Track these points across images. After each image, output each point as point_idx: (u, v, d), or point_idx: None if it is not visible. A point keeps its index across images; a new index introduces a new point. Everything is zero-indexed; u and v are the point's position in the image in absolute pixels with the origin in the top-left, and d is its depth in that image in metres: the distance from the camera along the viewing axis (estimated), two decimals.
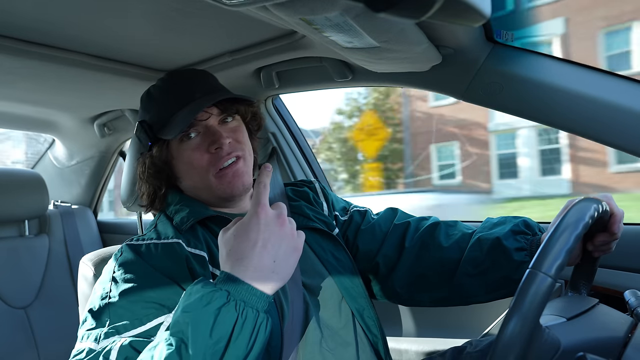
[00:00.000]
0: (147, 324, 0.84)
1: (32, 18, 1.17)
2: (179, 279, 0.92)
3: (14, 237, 2.18)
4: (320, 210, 1.23)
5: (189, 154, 1.06)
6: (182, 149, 1.07)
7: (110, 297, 0.88)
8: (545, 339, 0.71)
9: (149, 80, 1.64)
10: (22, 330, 2.04)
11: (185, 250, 0.97)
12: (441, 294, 1.16)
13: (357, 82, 1.49)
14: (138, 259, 0.94)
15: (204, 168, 1.05)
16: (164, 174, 1.11)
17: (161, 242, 0.98)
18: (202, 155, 1.05)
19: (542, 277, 0.67)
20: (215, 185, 1.06)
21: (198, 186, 1.08)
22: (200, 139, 1.07)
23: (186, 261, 0.95)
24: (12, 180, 2.13)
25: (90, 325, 0.86)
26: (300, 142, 2.02)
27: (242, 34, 1.33)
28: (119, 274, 0.91)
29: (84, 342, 0.84)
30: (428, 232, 1.19)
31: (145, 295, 0.88)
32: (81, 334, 0.86)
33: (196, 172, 1.06)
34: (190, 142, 1.06)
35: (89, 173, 2.52)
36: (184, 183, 1.11)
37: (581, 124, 1.12)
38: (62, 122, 2.26)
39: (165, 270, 0.92)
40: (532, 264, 0.69)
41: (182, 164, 1.08)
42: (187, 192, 1.13)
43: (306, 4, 0.81)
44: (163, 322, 0.84)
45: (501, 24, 1.20)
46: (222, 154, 1.06)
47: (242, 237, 0.76)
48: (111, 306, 0.87)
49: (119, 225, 2.60)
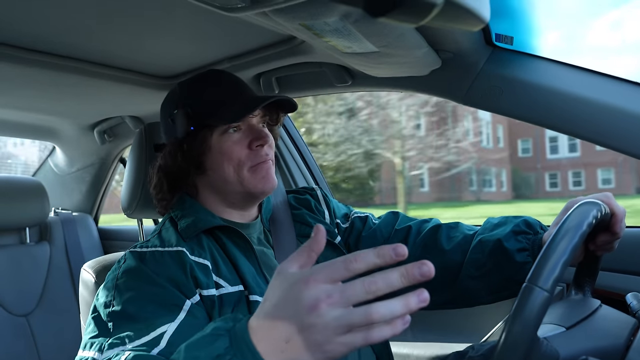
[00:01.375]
0: (151, 334, 0.83)
1: (32, 25, 1.17)
2: (183, 288, 0.92)
3: (15, 245, 2.18)
4: (321, 218, 1.23)
5: (230, 145, 1.05)
6: (223, 141, 1.05)
7: (113, 305, 0.88)
8: (543, 352, 0.71)
9: (149, 87, 1.64)
10: (24, 337, 2.04)
11: (189, 258, 0.96)
12: (445, 297, 1.15)
13: (356, 87, 1.50)
14: (141, 267, 0.93)
15: (241, 161, 1.05)
16: (194, 162, 1.07)
17: (165, 250, 0.97)
18: (242, 149, 1.05)
19: (538, 292, 0.67)
20: (248, 178, 1.05)
21: (229, 179, 1.06)
22: (242, 134, 1.06)
23: (190, 270, 0.95)
24: (13, 187, 2.13)
25: (93, 333, 0.86)
26: (301, 147, 2.02)
27: (241, 39, 1.33)
28: (122, 282, 0.91)
29: (87, 351, 0.83)
30: (430, 235, 1.18)
31: (149, 304, 0.87)
32: (84, 341, 0.86)
33: (233, 164, 1.05)
34: (232, 135, 1.06)
35: (90, 180, 2.52)
36: (211, 176, 1.08)
37: (581, 126, 1.12)
38: (63, 130, 2.27)
39: (169, 279, 0.92)
40: (528, 278, 0.68)
41: (219, 155, 1.06)
42: (204, 191, 1.10)
43: (305, 10, 0.81)
44: (166, 330, 0.84)
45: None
46: (261, 153, 1.06)
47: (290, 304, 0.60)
48: (115, 314, 0.86)
49: (119, 232, 2.60)
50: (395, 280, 0.56)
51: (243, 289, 0.98)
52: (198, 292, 0.93)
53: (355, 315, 0.56)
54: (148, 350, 0.80)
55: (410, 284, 0.56)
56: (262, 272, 1.03)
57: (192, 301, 0.91)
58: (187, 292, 0.91)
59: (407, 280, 0.56)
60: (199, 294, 0.93)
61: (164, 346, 0.81)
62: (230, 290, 0.97)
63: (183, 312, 0.88)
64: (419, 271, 0.56)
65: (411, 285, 0.57)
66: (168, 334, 0.83)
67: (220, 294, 0.95)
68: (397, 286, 0.56)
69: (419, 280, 0.56)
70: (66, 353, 2.05)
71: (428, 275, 0.56)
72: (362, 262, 0.58)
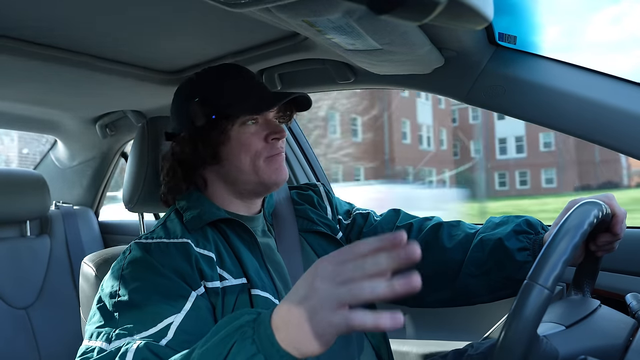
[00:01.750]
0: (158, 325, 0.84)
1: (35, 19, 1.17)
2: (189, 279, 0.92)
3: (15, 238, 2.18)
4: (324, 214, 1.24)
5: (249, 137, 1.06)
6: (242, 132, 1.06)
7: (119, 296, 0.88)
8: (543, 350, 0.71)
9: (152, 82, 1.64)
10: (23, 330, 2.04)
11: (194, 250, 0.97)
12: (445, 295, 1.16)
13: (359, 84, 1.49)
14: (147, 258, 0.94)
15: (258, 152, 1.06)
16: (209, 152, 1.07)
17: (171, 242, 0.98)
18: (259, 141, 1.06)
19: (539, 289, 0.67)
20: (263, 169, 1.06)
21: (244, 169, 1.07)
22: (259, 127, 1.08)
23: (195, 261, 0.95)
24: (14, 180, 2.13)
25: (99, 322, 0.86)
26: (302, 143, 2.02)
27: (244, 35, 1.33)
28: (128, 272, 0.92)
29: (94, 341, 0.84)
30: (431, 233, 1.19)
31: (154, 294, 0.88)
32: (90, 331, 0.86)
33: (250, 154, 1.06)
34: (250, 127, 1.07)
35: (91, 174, 2.53)
36: (225, 166, 1.08)
37: (583, 127, 1.12)
38: (64, 123, 2.27)
39: (175, 270, 0.92)
40: (529, 276, 0.69)
41: (237, 145, 1.06)
42: (213, 182, 1.11)
43: (309, 6, 0.81)
44: (173, 321, 0.85)
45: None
46: (277, 145, 1.08)
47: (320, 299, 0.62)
48: (121, 305, 0.87)
49: (120, 226, 2.60)
50: (383, 260, 0.60)
51: (246, 282, 0.98)
52: (203, 284, 0.94)
53: (344, 284, 0.60)
54: (156, 341, 0.81)
55: (398, 265, 0.60)
56: (266, 265, 1.04)
57: (197, 293, 0.92)
58: (193, 283, 0.92)
59: (393, 261, 0.59)
60: (203, 286, 0.94)
61: (171, 337, 0.82)
62: (234, 283, 0.97)
63: (188, 303, 0.89)
64: (405, 252, 0.59)
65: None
66: (175, 324, 0.84)
67: (223, 286, 0.96)
68: (385, 266, 0.60)
69: (405, 261, 0.59)
70: (66, 346, 2.06)
71: (414, 255, 0.59)
72: (366, 244, 0.62)
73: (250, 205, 1.13)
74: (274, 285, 1.02)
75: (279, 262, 1.08)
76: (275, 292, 1.01)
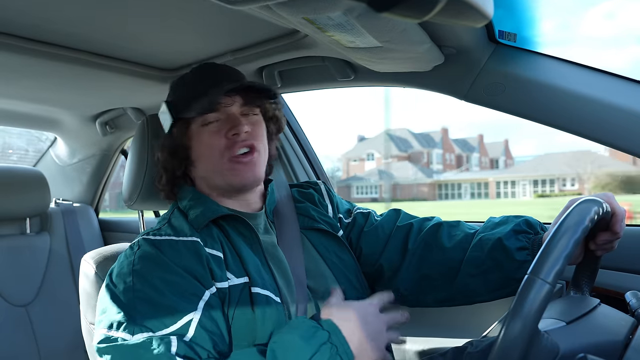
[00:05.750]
0: (178, 322, 0.86)
1: (35, 16, 1.17)
2: (201, 278, 0.93)
3: (15, 235, 2.18)
4: (325, 212, 1.24)
5: (208, 136, 1.07)
6: (202, 132, 1.08)
7: (135, 290, 0.89)
8: (544, 345, 0.71)
9: (151, 79, 1.64)
10: (23, 327, 2.04)
11: (204, 250, 0.98)
12: (445, 295, 1.16)
13: (359, 82, 1.49)
14: (159, 254, 0.95)
15: (220, 151, 1.06)
16: (181, 155, 1.11)
17: (180, 240, 0.99)
18: (219, 139, 1.07)
19: (540, 284, 0.67)
20: (227, 170, 1.07)
21: (211, 170, 1.08)
22: (220, 124, 1.08)
23: (206, 261, 0.96)
24: (14, 178, 2.13)
25: (116, 314, 0.88)
26: (303, 142, 2.02)
27: (244, 33, 1.33)
28: (140, 268, 0.92)
29: (115, 331, 0.86)
30: (431, 233, 1.19)
31: (171, 291, 0.89)
32: (108, 320, 0.88)
33: (212, 155, 1.07)
34: (210, 126, 1.08)
35: (91, 171, 2.53)
36: (198, 168, 1.11)
37: (583, 125, 1.12)
38: (64, 120, 2.27)
39: (187, 268, 0.93)
40: (531, 270, 0.69)
41: (200, 146, 1.08)
42: (199, 182, 1.13)
43: (309, 3, 0.81)
44: (192, 318, 0.87)
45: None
46: (237, 140, 1.06)
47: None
48: (139, 300, 0.88)
49: (120, 223, 2.60)
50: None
51: (247, 281, 0.99)
52: (213, 284, 0.95)
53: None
54: (180, 338, 0.84)
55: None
56: (267, 262, 1.04)
57: (210, 292, 0.93)
58: (205, 283, 0.94)
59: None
60: (214, 286, 0.95)
61: (192, 335, 0.85)
62: (236, 282, 0.98)
63: (202, 302, 0.91)
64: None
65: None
66: (194, 322, 0.87)
67: (228, 285, 0.97)
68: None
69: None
70: (65, 343, 2.06)
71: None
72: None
73: (243, 202, 1.14)
74: (275, 282, 1.02)
75: (280, 259, 1.08)
76: (277, 289, 1.01)
